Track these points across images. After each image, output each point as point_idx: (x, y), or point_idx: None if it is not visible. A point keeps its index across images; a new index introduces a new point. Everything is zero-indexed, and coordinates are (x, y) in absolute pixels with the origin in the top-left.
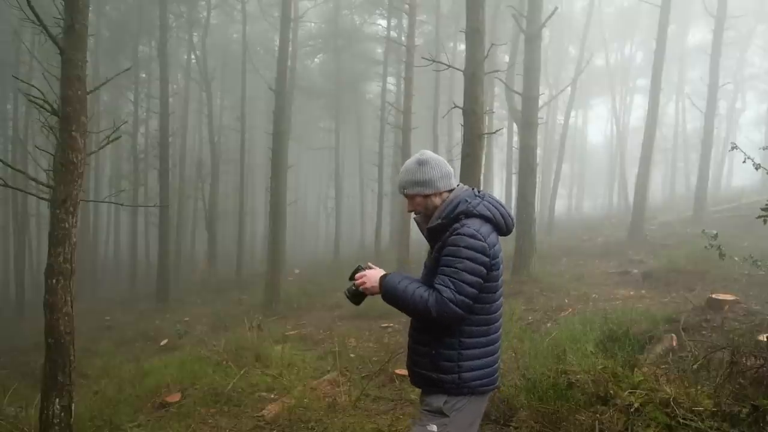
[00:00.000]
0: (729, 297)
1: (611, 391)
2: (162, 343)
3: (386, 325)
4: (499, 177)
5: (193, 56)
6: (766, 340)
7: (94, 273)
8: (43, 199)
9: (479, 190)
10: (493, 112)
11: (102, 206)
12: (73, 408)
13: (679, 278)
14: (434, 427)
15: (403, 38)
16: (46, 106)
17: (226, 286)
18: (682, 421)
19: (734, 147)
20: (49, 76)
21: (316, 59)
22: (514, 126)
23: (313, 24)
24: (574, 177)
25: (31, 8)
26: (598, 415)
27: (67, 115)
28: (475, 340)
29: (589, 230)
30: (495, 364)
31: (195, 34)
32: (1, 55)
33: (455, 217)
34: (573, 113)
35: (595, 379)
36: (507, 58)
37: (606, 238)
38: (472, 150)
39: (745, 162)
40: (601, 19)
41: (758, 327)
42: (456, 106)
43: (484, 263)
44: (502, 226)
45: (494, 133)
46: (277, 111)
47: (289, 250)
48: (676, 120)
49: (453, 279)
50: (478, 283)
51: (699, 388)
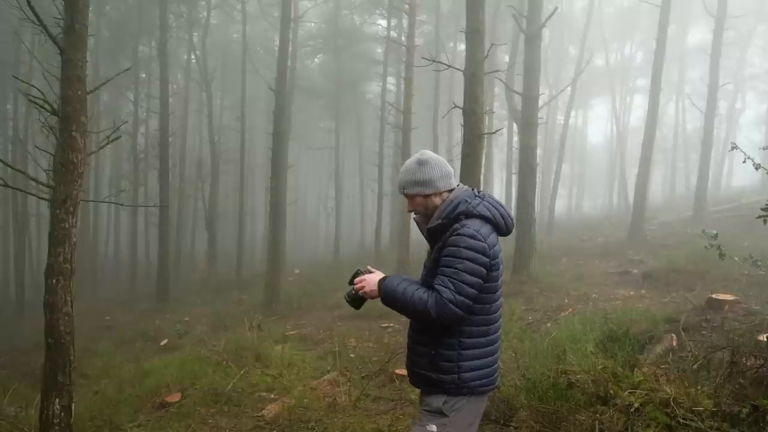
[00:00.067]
0: (729, 297)
1: (611, 391)
2: (162, 343)
3: (386, 325)
4: (499, 177)
5: (193, 56)
6: (766, 340)
7: (94, 273)
8: (43, 199)
9: (479, 191)
10: (493, 112)
11: (102, 206)
12: (73, 408)
13: (679, 278)
14: (434, 427)
15: (403, 38)
16: (46, 106)
17: (226, 286)
18: (682, 421)
19: (734, 147)
20: (49, 76)
21: (316, 59)
22: (514, 126)
23: (313, 24)
24: (574, 177)
25: (31, 8)
26: (598, 415)
27: (67, 115)
28: (475, 340)
29: (589, 230)
30: (494, 365)
31: (195, 34)
32: (1, 55)
33: (455, 217)
34: (573, 113)
35: (595, 379)
36: (507, 58)
37: (606, 238)
38: (472, 150)
39: (745, 162)
40: (601, 19)
41: (758, 327)
42: (456, 106)
43: (484, 264)
44: (501, 227)
45: (494, 133)
46: (277, 111)
47: (289, 250)
48: (676, 120)
49: (453, 279)
50: (478, 284)
51: (699, 388)
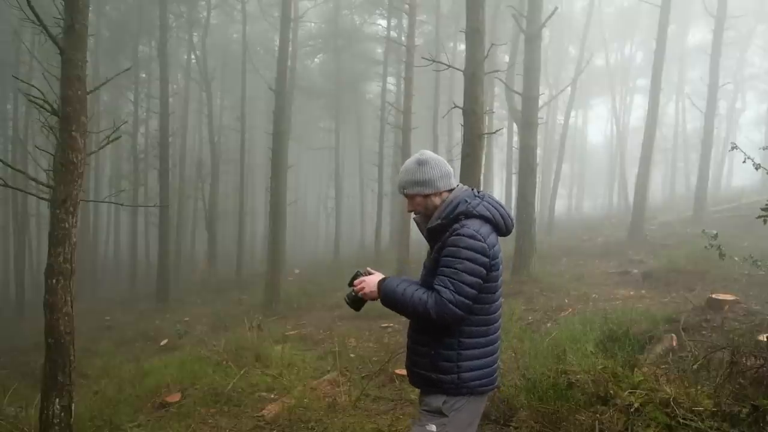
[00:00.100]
0: (729, 297)
1: (611, 391)
2: (162, 343)
3: (386, 325)
4: (499, 177)
5: (193, 56)
6: (766, 340)
7: (94, 273)
8: (43, 199)
9: (479, 191)
10: (493, 112)
11: (102, 206)
12: (73, 408)
13: (679, 278)
14: (433, 427)
15: (403, 38)
16: (46, 106)
17: (226, 286)
18: (682, 421)
19: (734, 147)
20: (49, 76)
21: (316, 59)
22: (514, 126)
23: (313, 24)
24: (574, 177)
25: (31, 8)
26: (598, 415)
27: (67, 115)
28: (475, 340)
29: (589, 230)
30: (494, 365)
31: (195, 34)
32: (1, 55)
33: (455, 217)
34: (573, 113)
35: (595, 379)
36: (507, 58)
37: (606, 238)
38: (472, 150)
39: (745, 162)
40: (601, 19)
41: (758, 327)
42: (456, 106)
43: (483, 264)
44: (501, 227)
45: (494, 133)
46: (277, 111)
47: (289, 250)
48: (676, 120)
49: (452, 279)
50: (478, 284)
51: (699, 388)
